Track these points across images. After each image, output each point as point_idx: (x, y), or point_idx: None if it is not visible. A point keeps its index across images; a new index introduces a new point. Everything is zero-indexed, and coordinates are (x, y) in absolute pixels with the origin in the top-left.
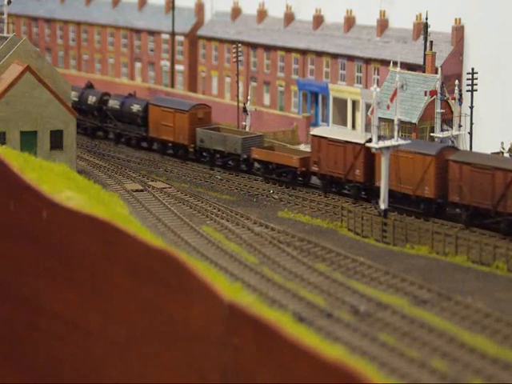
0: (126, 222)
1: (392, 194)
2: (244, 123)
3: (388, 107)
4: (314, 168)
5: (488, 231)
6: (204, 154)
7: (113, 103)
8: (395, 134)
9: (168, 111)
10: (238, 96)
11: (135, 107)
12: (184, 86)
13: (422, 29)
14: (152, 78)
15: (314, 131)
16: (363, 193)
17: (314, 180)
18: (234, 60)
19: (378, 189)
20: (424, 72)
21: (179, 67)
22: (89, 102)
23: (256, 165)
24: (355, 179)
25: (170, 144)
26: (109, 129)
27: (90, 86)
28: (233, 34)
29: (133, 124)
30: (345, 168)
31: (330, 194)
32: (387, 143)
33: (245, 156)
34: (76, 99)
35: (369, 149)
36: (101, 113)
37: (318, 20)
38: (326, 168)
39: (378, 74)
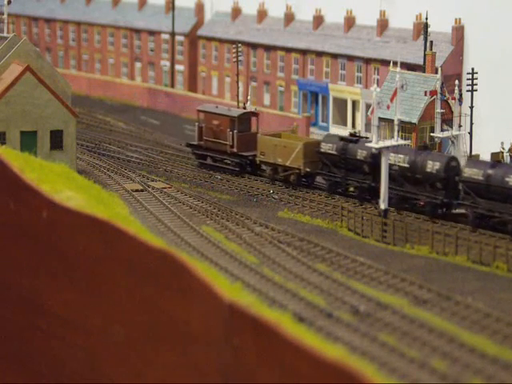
0: (125, 222)
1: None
2: None
3: (388, 107)
4: None
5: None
6: None
7: (471, 173)
8: (395, 134)
9: None
10: (238, 96)
11: None
12: (184, 85)
13: (422, 29)
14: (152, 78)
15: None
16: None
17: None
18: (234, 60)
19: None
20: (424, 72)
21: (179, 67)
22: (428, 170)
23: None
24: None
25: None
26: (464, 208)
27: (425, 146)
28: (233, 34)
29: (508, 202)
30: None
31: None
32: (387, 143)
33: None
34: (406, 165)
35: None
36: (448, 185)
37: (318, 20)
38: None
39: (378, 74)
